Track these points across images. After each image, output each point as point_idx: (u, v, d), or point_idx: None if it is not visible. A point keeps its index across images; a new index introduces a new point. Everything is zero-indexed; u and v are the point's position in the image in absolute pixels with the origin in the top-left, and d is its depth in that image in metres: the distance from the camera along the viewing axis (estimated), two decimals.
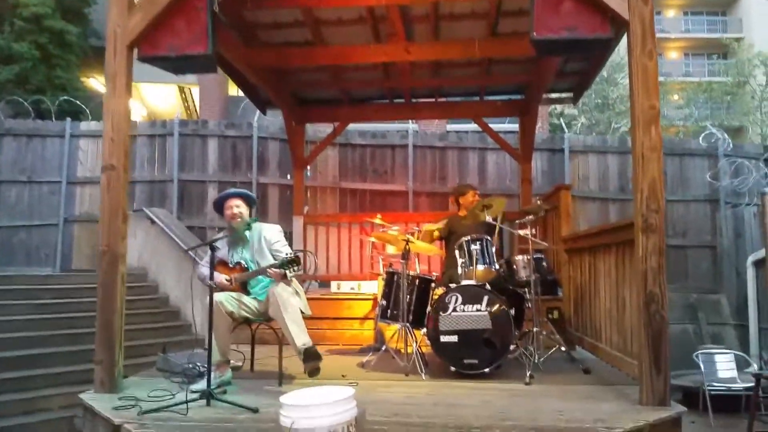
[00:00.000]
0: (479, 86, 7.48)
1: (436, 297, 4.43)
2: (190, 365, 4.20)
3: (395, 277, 4.61)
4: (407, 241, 4.47)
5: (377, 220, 5.10)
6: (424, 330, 4.30)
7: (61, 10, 13.20)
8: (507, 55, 6.13)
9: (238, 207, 4.10)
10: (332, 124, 8.13)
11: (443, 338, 4.16)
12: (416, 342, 4.35)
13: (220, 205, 4.20)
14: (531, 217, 4.46)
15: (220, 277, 4.04)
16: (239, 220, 4.09)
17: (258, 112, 8.61)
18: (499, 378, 4.10)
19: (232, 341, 4.07)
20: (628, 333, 3.93)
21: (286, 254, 3.83)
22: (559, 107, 19.32)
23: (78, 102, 9.98)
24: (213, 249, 3.56)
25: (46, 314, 6.42)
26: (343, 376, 4.18)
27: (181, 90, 16.16)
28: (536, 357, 4.31)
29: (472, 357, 4.11)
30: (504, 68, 6.88)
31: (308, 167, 8.88)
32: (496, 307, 4.12)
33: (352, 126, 8.80)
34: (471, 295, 4.18)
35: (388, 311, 4.60)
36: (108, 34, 3.81)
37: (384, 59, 5.98)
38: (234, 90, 8.42)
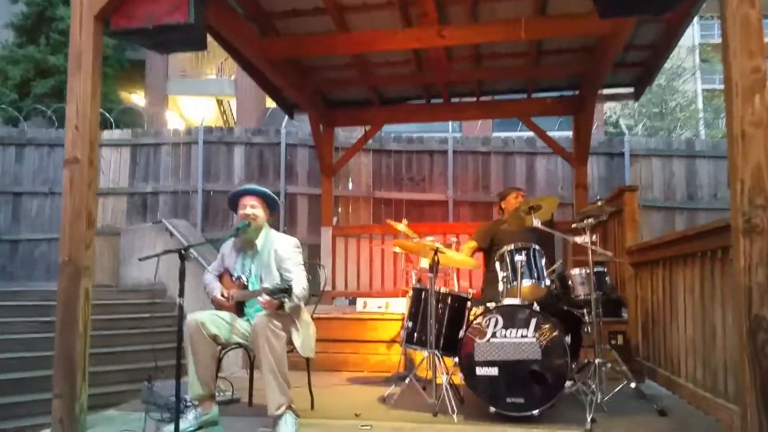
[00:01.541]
0: (527, 81, 6.68)
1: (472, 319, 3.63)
2: (188, 397, 3.52)
3: (423, 294, 3.84)
4: (436, 251, 3.68)
5: (402, 227, 4.33)
6: (456, 359, 3.50)
7: None
8: (558, 35, 5.32)
9: (253, 207, 3.40)
10: (363, 128, 7.46)
11: (480, 370, 3.34)
12: (447, 373, 3.55)
13: (234, 202, 3.50)
14: (590, 220, 3.60)
15: (216, 291, 3.40)
16: (252, 223, 3.39)
17: (286, 117, 8.07)
18: (552, 422, 3.24)
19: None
20: (720, 368, 3.01)
21: (284, 280, 3.09)
22: (614, 115, 18.20)
23: (103, 112, 9.64)
24: (183, 257, 2.88)
25: (51, 333, 5.90)
26: (356, 415, 3.41)
27: (219, 102, 15.93)
28: (599, 395, 3.43)
29: (516, 395, 3.27)
30: (555, 59, 6.08)
31: (341, 176, 8.26)
32: (546, 332, 3.29)
33: (387, 130, 8.15)
34: (515, 318, 3.36)
35: (415, 334, 3.82)
36: (72, 4, 3.23)
37: (414, 45, 5.26)
38: (272, 101, 8.00)
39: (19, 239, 8.56)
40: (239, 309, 3.41)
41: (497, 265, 3.77)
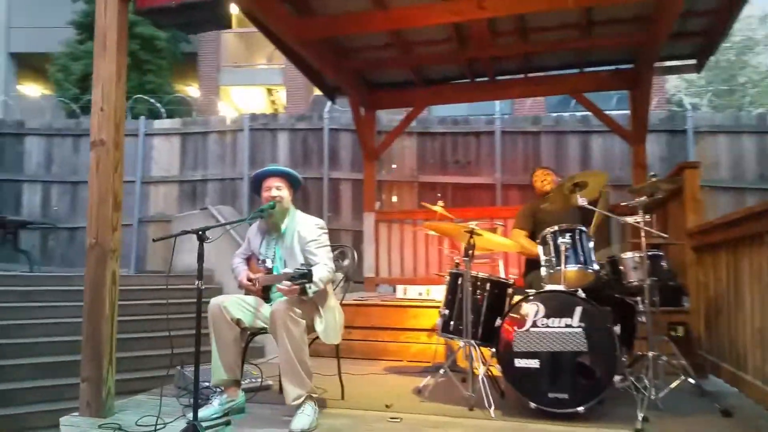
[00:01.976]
0: (577, 55, 6.29)
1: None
2: (206, 383, 3.45)
3: (459, 279, 3.61)
4: (471, 233, 3.44)
5: (437, 208, 4.11)
6: (493, 350, 3.27)
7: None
8: (609, 3, 4.94)
9: (279, 189, 3.23)
10: (406, 110, 7.23)
11: (519, 362, 3.10)
12: (485, 364, 3.33)
13: (257, 184, 3.33)
14: (644, 198, 3.27)
15: (242, 275, 3.29)
16: (279, 205, 3.22)
17: (329, 102, 7.95)
18: (599, 420, 2.97)
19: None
20: None
21: (302, 265, 2.91)
22: (678, 93, 17.20)
23: (151, 100, 9.83)
24: (201, 240, 2.76)
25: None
26: (387, 406, 3.24)
27: (269, 92, 16.02)
28: (653, 391, 3.12)
29: (559, 390, 3.01)
30: (608, 30, 5.68)
31: (384, 161, 8.08)
32: (593, 321, 3.02)
33: (432, 112, 7.88)
34: (558, 305, 3.10)
35: (451, 323, 3.60)
36: None
37: (453, 19, 4.97)
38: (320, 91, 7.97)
39: (76, 227, 8.81)
40: (265, 294, 3.28)
41: (540, 248, 3.50)
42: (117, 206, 3.14)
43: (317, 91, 14.97)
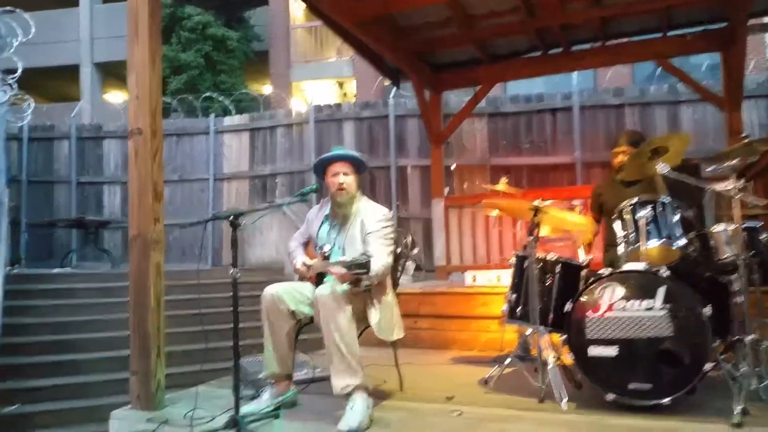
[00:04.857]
0: (660, 17, 5.71)
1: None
2: (261, 375, 3.35)
3: (526, 262, 3.30)
4: (536, 210, 3.13)
5: (501, 186, 3.80)
6: (564, 337, 2.95)
7: (225, 17, 13.67)
8: None
9: (346, 175, 3.03)
10: (473, 89, 6.91)
11: (593, 350, 2.77)
12: (556, 353, 3.02)
13: (322, 169, 3.15)
14: (735, 162, 2.82)
15: (298, 259, 3.12)
16: (344, 193, 3.05)
17: (394, 88, 7.75)
18: (689, 413, 2.60)
19: None
20: None
21: (362, 254, 2.69)
22: None
23: (220, 98, 10.04)
24: (234, 226, 2.64)
25: (175, 311, 6.16)
26: (448, 398, 3.01)
27: (340, 85, 16.04)
28: (753, 380, 2.69)
29: (641, 380, 2.66)
30: None
31: (453, 145, 7.80)
32: (680, 303, 2.65)
33: (505, 92, 7.49)
34: (638, 286, 2.75)
35: (518, 309, 3.31)
36: None
37: None
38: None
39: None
40: (319, 281, 3.12)
41: (617, 225, 3.14)
42: (157, 196, 3.09)
43: (388, 82, 14.87)
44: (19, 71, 7.98)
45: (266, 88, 16.21)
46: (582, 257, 3.54)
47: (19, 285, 6.05)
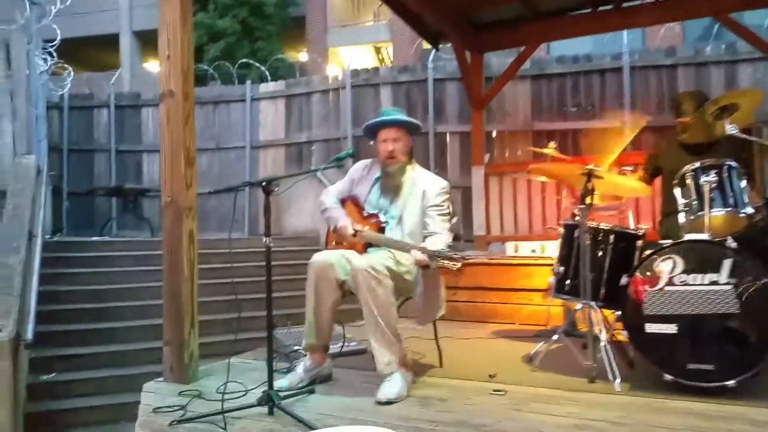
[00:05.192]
0: None
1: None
2: (297, 347, 3.25)
3: (576, 232, 3.07)
4: (589, 175, 2.89)
5: (549, 150, 3.54)
6: (619, 313, 2.73)
7: None
8: None
9: (396, 141, 2.85)
10: (516, 51, 6.56)
11: (651, 327, 2.56)
12: (608, 330, 2.81)
13: (373, 132, 2.97)
14: None
15: (345, 222, 2.90)
16: (394, 162, 2.87)
17: (433, 51, 7.44)
18: (756, 397, 2.38)
19: None
20: None
21: (445, 246, 2.58)
22: None
23: (257, 64, 9.87)
24: (267, 192, 2.49)
25: (211, 279, 6.14)
26: (490, 376, 2.84)
27: (377, 50, 15.71)
28: None
29: (703, 360, 2.45)
30: None
31: (495, 110, 7.47)
32: (747, 277, 2.41)
33: (550, 52, 7.10)
34: (701, 258, 2.52)
35: (567, 282, 3.09)
36: None
37: None
38: (429, 45, 7.51)
39: (199, 192, 9.15)
40: (364, 250, 2.94)
41: (677, 191, 2.87)
42: (190, 162, 2.96)
43: (426, 45, 14.47)
44: (58, 39, 7.99)
45: (302, 55, 16.01)
46: (632, 226, 3.29)
47: (59, 252, 6.11)
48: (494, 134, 7.61)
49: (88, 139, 9.59)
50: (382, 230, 2.86)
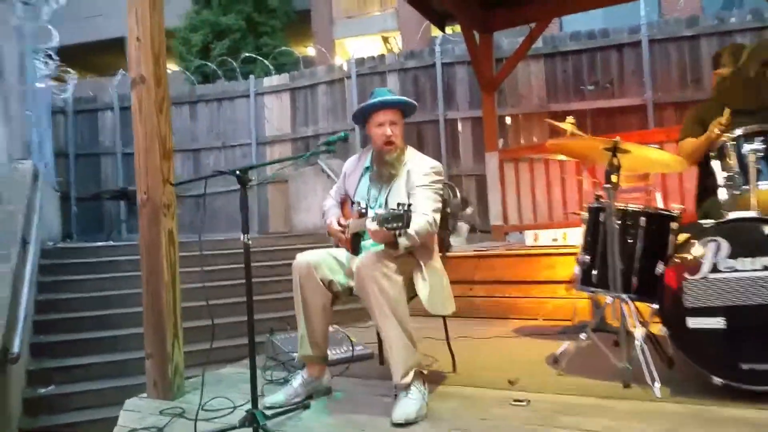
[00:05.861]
0: None
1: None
2: (294, 354, 2.96)
3: (602, 215, 2.73)
4: (614, 149, 2.53)
5: (567, 125, 3.19)
6: (656, 306, 2.39)
7: None
8: None
9: (394, 125, 2.53)
10: (527, 28, 6.19)
11: (693, 322, 2.21)
12: (644, 326, 2.47)
13: (363, 117, 2.64)
14: None
15: (333, 220, 2.69)
16: (394, 148, 2.55)
17: (441, 35, 7.11)
18: None
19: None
20: None
21: (399, 205, 2.15)
22: None
23: (259, 58, 9.61)
24: (242, 182, 2.19)
25: (215, 281, 5.88)
26: (510, 382, 2.51)
27: (385, 40, 15.35)
28: None
29: (758, 359, 2.10)
30: None
31: (507, 92, 7.12)
32: None
33: (563, 28, 6.72)
34: (749, 240, 2.17)
35: (593, 272, 2.74)
36: None
37: None
38: (437, 32, 7.21)
39: (201, 194, 8.92)
40: (355, 245, 2.64)
41: (715, 165, 2.52)
42: (166, 154, 2.68)
43: (435, 32, 14.07)
44: (56, 42, 7.78)
45: (309, 50, 15.71)
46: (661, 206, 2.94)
47: (62, 259, 5.89)
48: (507, 119, 7.25)
49: (93, 143, 9.42)
50: (365, 216, 2.54)
